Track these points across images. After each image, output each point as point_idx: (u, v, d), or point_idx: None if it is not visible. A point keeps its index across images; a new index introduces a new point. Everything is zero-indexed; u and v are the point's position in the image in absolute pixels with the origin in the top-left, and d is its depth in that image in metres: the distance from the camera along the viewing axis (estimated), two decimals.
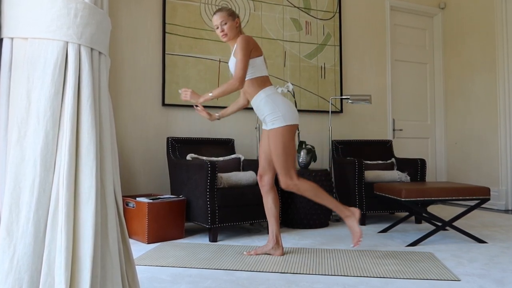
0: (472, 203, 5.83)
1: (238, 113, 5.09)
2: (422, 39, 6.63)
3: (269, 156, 3.36)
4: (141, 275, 2.80)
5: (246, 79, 3.22)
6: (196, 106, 3.33)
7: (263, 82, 3.25)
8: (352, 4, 5.97)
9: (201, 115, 3.43)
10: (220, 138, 4.76)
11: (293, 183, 3.19)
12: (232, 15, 3.30)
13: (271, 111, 3.17)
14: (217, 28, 3.29)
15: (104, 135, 1.47)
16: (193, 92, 3.18)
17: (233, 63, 3.26)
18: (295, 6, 5.52)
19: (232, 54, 3.29)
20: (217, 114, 3.49)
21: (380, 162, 5.05)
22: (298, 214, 4.35)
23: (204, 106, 3.49)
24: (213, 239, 3.82)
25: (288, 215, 4.41)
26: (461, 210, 5.62)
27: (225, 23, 3.26)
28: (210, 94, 3.12)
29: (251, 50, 3.18)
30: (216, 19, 3.28)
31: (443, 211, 5.51)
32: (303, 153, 4.62)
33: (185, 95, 3.18)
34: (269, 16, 5.33)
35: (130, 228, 3.91)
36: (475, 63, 6.19)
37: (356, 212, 3.23)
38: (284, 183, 3.19)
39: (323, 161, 5.56)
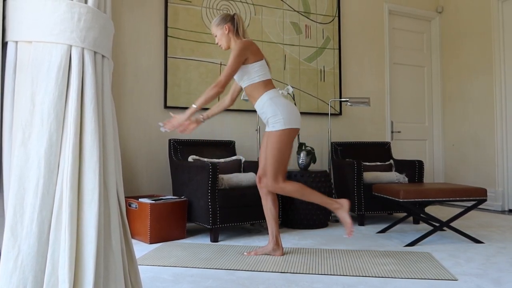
0: (469, 204, 5.84)
1: (239, 115, 5.09)
2: (420, 42, 6.63)
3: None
4: (143, 274, 2.79)
5: (249, 83, 3.23)
6: (163, 125, 3.16)
7: (266, 85, 3.24)
8: (351, 8, 5.98)
9: (189, 128, 3.26)
10: (221, 140, 4.76)
11: (278, 186, 3.18)
12: (220, 24, 3.30)
13: (273, 113, 3.16)
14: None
15: (107, 137, 1.47)
16: (173, 118, 3.12)
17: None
18: (295, 10, 5.52)
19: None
20: (201, 116, 3.39)
21: (378, 163, 5.05)
22: (298, 215, 4.35)
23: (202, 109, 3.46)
24: (214, 239, 3.82)
25: (288, 216, 4.41)
26: (458, 210, 5.63)
27: (216, 35, 3.33)
28: (194, 106, 3.09)
29: (247, 55, 3.17)
30: (212, 32, 3.37)
31: (441, 212, 5.51)
32: (303, 154, 4.62)
33: (168, 126, 3.10)
34: (269, 20, 5.33)
35: (132, 228, 3.91)
36: (472, 66, 6.19)
37: (344, 203, 3.21)
38: (270, 186, 3.18)
39: (322, 162, 5.56)
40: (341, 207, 3.21)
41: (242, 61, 3.16)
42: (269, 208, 3.36)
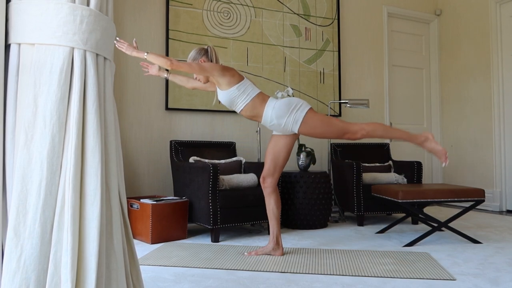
0: (467, 204, 5.82)
1: (239, 117, 5.09)
2: (418, 45, 6.63)
3: (277, 160, 3.33)
4: (145, 274, 2.79)
5: (244, 105, 3.13)
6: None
7: (261, 100, 3.16)
8: (350, 11, 5.98)
9: (148, 70, 3.35)
10: (222, 142, 4.76)
11: (359, 133, 3.12)
12: (195, 59, 3.20)
13: (287, 113, 3.10)
14: None
15: (109, 138, 1.48)
16: (129, 45, 2.92)
17: (222, 96, 3.16)
18: (295, 13, 5.52)
19: (217, 89, 3.21)
20: (165, 75, 3.39)
21: (377, 164, 5.05)
22: (298, 215, 4.35)
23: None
24: (215, 240, 3.81)
25: (288, 216, 4.40)
26: (456, 211, 5.62)
27: (193, 73, 3.25)
28: (145, 54, 2.89)
29: (224, 74, 3.05)
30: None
31: (439, 212, 5.50)
32: (302, 155, 4.62)
33: (119, 46, 2.89)
34: (269, 22, 5.33)
35: (134, 228, 3.91)
36: (470, 68, 6.19)
37: (429, 135, 3.20)
38: (356, 134, 3.11)
39: (322, 163, 5.56)
40: (427, 139, 3.20)
41: (213, 71, 3.03)
42: (271, 208, 3.36)
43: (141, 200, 3.88)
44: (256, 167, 4.32)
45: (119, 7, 4.57)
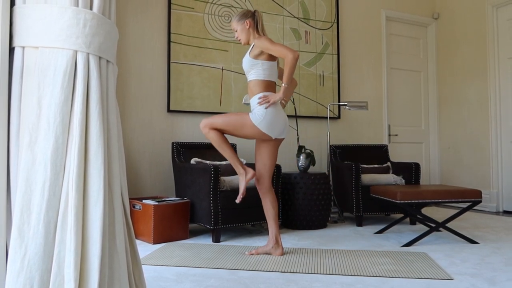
0: (465, 205, 5.83)
1: None
2: (416, 48, 6.63)
3: (264, 160, 3.37)
4: (147, 274, 2.79)
5: (254, 78, 3.27)
6: None
7: (266, 86, 3.27)
8: (349, 15, 5.98)
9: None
10: None
11: (207, 130, 3.18)
12: (241, 19, 3.33)
13: (259, 108, 3.19)
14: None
15: (112, 140, 1.48)
16: (270, 97, 3.17)
17: (246, 61, 3.28)
18: (294, 17, 5.52)
19: (248, 53, 3.30)
20: (284, 84, 3.27)
21: (376, 165, 5.04)
22: (298, 216, 4.35)
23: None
24: (216, 240, 3.81)
25: (288, 217, 4.40)
26: (454, 212, 5.62)
27: (236, 30, 3.36)
28: (284, 85, 3.15)
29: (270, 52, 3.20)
30: (232, 27, 3.40)
31: (437, 213, 5.50)
32: (302, 157, 4.62)
33: (264, 101, 3.15)
34: (270, 26, 5.34)
35: (136, 229, 3.91)
36: (468, 71, 6.19)
37: (250, 172, 3.25)
38: (204, 124, 3.19)
39: (321, 164, 5.56)
40: (244, 174, 3.26)
41: (274, 57, 3.25)
42: (268, 208, 3.37)
43: (143, 201, 3.88)
44: None
45: (121, 11, 4.58)
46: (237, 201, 3.25)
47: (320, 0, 5.70)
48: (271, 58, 3.26)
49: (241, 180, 3.26)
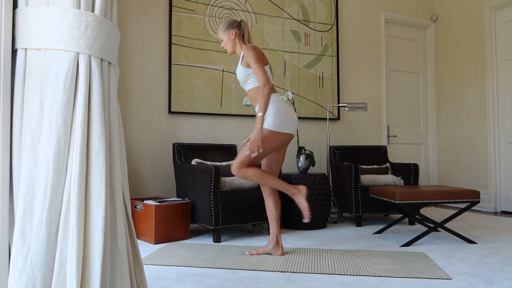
0: (463, 205, 5.84)
1: (240, 120, 5.10)
2: (415, 50, 6.63)
3: (270, 161, 3.35)
4: (148, 274, 2.79)
5: (253, 86, 3.25)
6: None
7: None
8: (349, 17, 5.98)
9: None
10: (223, 144, 4.76)
11: (241, 171, 3.11)
12: (227, 29, 3.33)
13: (271, 111, 3.15)
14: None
15: (114, 141, 1.48)
16: (252, 142, 3.07)
17: (240, 71, 3.28)
18: (294, 19, 5.53)
19: (239, 63, 3.31)
20: (259, 114, 3.19)
21: (375, 166, 5.04)
22: (298, 216, 4.34)
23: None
24: (217, 240, 3.81)
25: (288, 217, 4.40)
26: (452, 212, 5.62)
27: (222, 40, 3.37)
28: (260, 114, 3.08)
29: (262, 58, 3.20)
30: (219, 37, 3.41)
31: (435, 213, 5.50)
32: (302, 158, 4.62)
33: (253, 148, 3.06)
34: (270, 28, 5.34)
35: (138, 229, 3.91)
36: (466, 72, 6.19)
37: (302, 189, 3.20)
38: (234, 169, 3.12)
39: (321, 165, 5.56)
40: (299, 193, 3.21)
41: (265, 62, 3.21)
42: (270, 209, 3.36)
43: (145, 201, 3.88)
44: None
45: (122, 13, 4.58)
46: (307, 220, 3.16)
47: (319, 2, 5.71)
48: (264, 62, 3.24)
49: (300, 199, 3.19)
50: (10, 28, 1.37)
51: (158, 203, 3.77)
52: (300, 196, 3.20)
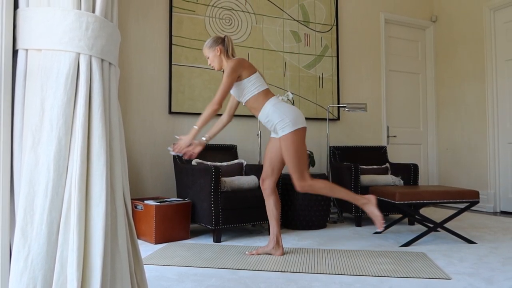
0: (462, 205, 5.84)
1: (240, 120, 5.10)
2: (415, 50, 6.63)
3: (273, 162, 3.35)
4: (148, 274, 2.79)
5: (250, 96, 3.23)
6: (174, 150, 3.09)
7: (265, 94, 3.24)
8: (348, 17, 5.98)
9: (194, 152, 3.13)
10: (223, 144, 4.76)
11: (307, 184, 3.15)
12: (212, 46, 3.32)
13: (280, 118, 3.15)
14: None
15: (114, 141, 1.47)
16: (179, 142, 3.07)
17: (232, 87, 3.29)
18: (294, 19, 5.53)
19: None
20: (203, 138, 3.26)
21: (375, 166, 5.04)
22: (298, 216, 4.35)
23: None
24: (217, 240, 3.81)
25: (288, 217, 4.40)
26: (451, 212, 5.62)
27: (208, 57, 3.36)
28: (195, 127, 3.07)
29: (239, 72, 3.18)
30: (204, 54, 3.40)
31: (435, 213, 5.50)
32: None
33: (176, 150, 3.05)
34: (270, 28, 5.34)
35: (138, 229, 3.91)
36: (465, 73, 6.19)
37: (372, 198, 3.20)
38: (299, 186, 3.15)
39: (321, 165, 5.56)
40: (369, 202, 3.20)
41: (235, 79, 3.17)
42: (271, 209, 3.36)
43: (145, 202, 3.88)
44: (257, 169, 4.32)
45: (123, 14, 4.58)
46: (381, 228, 3.16)
47: (319, 3, 5.71)
48: (251, 71, 3.24)
49: (371, 208, 3.19)
50: (11, 28, 1.37)
51: (158, 203, 3.77)
52: (370, 206, 3.20)
